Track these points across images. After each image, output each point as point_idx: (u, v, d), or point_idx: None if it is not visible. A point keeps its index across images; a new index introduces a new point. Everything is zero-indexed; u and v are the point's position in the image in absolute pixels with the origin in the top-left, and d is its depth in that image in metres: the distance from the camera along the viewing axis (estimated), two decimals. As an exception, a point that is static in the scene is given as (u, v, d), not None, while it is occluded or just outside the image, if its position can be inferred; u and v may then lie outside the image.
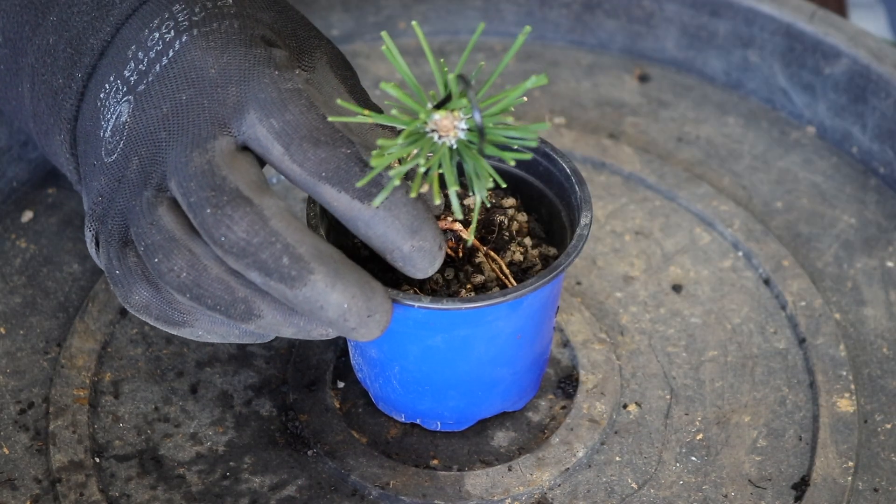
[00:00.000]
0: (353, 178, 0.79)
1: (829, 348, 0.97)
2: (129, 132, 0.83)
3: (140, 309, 0.83)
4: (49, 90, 0.88)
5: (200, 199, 0.78)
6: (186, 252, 0.79)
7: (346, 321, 0.79)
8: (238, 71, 0.82)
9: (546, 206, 0.92)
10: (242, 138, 0.81)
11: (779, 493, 0.90)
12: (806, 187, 1.08)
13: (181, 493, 0.90)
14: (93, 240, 0.85)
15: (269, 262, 0.78)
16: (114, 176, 0.83)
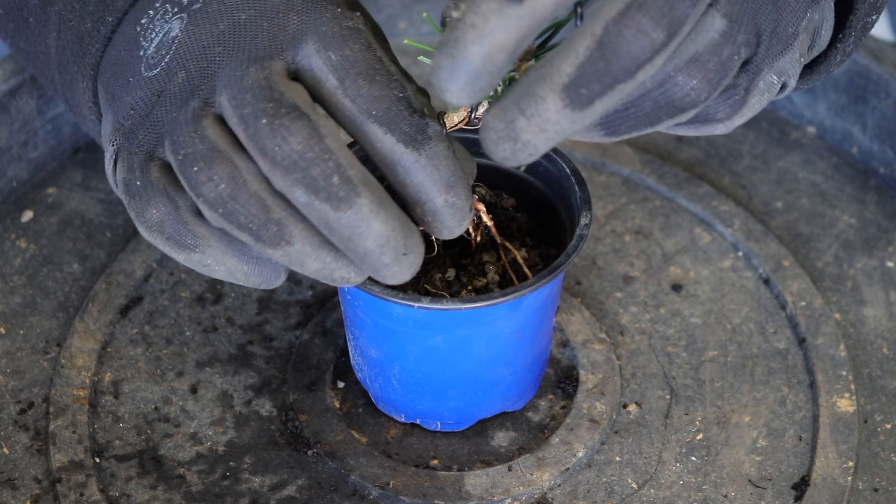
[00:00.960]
0: (401, 122, 0.78)
1: (829, 348, 0.97)
2: (178, 46, 0.81)
3: (153, 226, 0.80)
4: (75, 36, 0.86)
5: (256, 111, 0.76)
6: (228, 164, 0.77)
7: (382, 255, 0.76)
8: (301, 1, 0.81)
9: (546, 206, 0.92)
10: (295, 67, 0.79)
11: (779, 493, 0.90)
12: (806, 187, 1.08)
13: (181, 493, 0.90)
14: (112, 155, 0.83)
15: (319, 179, 0.75)
16: (153, 90, 0.81)
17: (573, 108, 0.70)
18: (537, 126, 0.71)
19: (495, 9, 0.68)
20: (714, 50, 0.74)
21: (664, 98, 0.74)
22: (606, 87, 0.70)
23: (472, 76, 0.69)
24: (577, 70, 0.70)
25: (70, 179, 1.09)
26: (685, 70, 0.74)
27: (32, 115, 1.07)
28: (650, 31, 0.70)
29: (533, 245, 0.91)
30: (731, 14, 0.74)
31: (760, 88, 0.78)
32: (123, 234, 1.05)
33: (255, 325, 0.99)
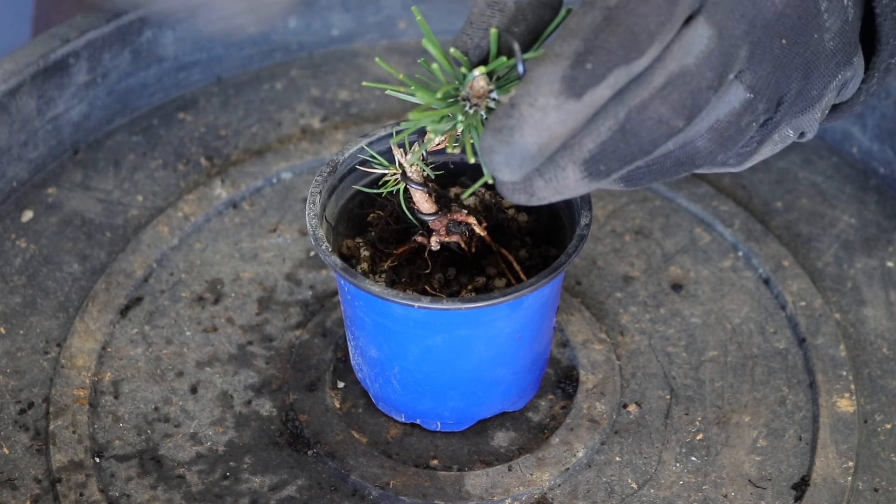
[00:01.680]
0: None
1: (829, 348, 0.97)
2: None
3: None
4: None
5: None
6: None
7: None
8: None
9: (546, 207, 0.92)
10: None
11: (779, 493, 0.90)
12: (806, 187, 1.08)
13: (181, 493, 0.90)
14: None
15: None
16: None
17: (591, 179, 0.74)
18: (554, 189, 0.74)
19: (554, 105, 0.70)
20: (734, 119, 0.75)
21: (683, 157, 0.76)
22: (624, 164, 0.74)
23: (527, 161, 0.72)
24: (599, 148, 0.73)
25: (70, 179, 1.09)
26: (705, 135, 0.75)
27: (32, 115, 1.07)
28: (670, 121, 0.73)
29: (533, 245, 0.91)
30: (755, 86, 0.75)
31: (774, 140, 0.79)
32: (123, 234, 1.05)
33: (255, 325, 0.99)
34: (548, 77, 0.70)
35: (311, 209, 0.87)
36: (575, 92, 0.70)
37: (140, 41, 1.12)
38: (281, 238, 1.04)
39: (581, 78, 0.70)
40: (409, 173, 0.85)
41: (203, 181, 1.08)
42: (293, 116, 1.14)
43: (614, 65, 0.70)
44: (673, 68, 0.72)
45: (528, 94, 0.70)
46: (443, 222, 0.87)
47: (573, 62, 0.70)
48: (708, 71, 0.73)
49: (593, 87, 0.71)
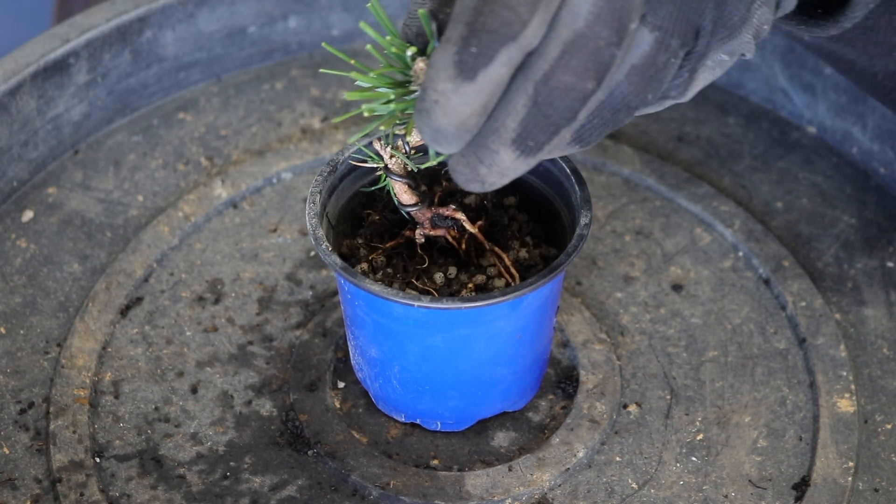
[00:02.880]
0: None
1: (829, 348, 0.97)
2: None
3: None
4: None
5: None
6: None
7: None
8: None
9: (546, 206, 0.92)
10: None
11: (779, 494, 0.90)
12: (806, 187, 1.08)
13: (181, 493, 0.90)
14: None
15: None
16: None
17: (526, 155, 0.75)
18: (498, 172, 0.75)
19: (452, 89, 0.72)
20: (650, 60, 0.76)
21: (616, 103, 0.76)
22: (551, 134, 0.74)
23: (451, 139, 0.74)
24: (521, 125, 0.74)
25: (70, 179, 1.09)
26: (625, 81, 0.76)
27: (32, 115, 1.07)
28: (578, 85, 0.73)
29: (533, 245, 0.91)
30: (661, 26, 0.75)
31: (708, 66, 0.79)
32: (123, 234, 1.05)
33: (255, 325, 0.99)
34: (442, 62, 0.72)
35: (311, 209, 0.87)
36: (467, 75, 0.72)
37: (140, 41, 1.12)
38: (281, 238, 1.04)
39: (469, 61, 0.71)
40: (390, 165, 0.85)
41: (203, 181, 1.08)
42: (293, 116, 1.14)
43: (500, 43, 0.71)
44: (566, 35, 0.73)
45: (430, 79, 0.72)
46: (426, 215, 0.87)
47: (459, 46, 0.71)
48: (602, 29, 0.73)
49: (484, 68, 0.71)
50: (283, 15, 1.17)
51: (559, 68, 0.73)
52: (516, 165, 0.75)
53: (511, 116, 0.74)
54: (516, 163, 0.75)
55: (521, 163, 0.75)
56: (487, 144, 0.74)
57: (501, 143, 0.74)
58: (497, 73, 0.72)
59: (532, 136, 0.74)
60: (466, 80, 0.71)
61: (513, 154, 0.74)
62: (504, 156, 0.75)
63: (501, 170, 0.75)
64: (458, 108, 0.72)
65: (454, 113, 0.72)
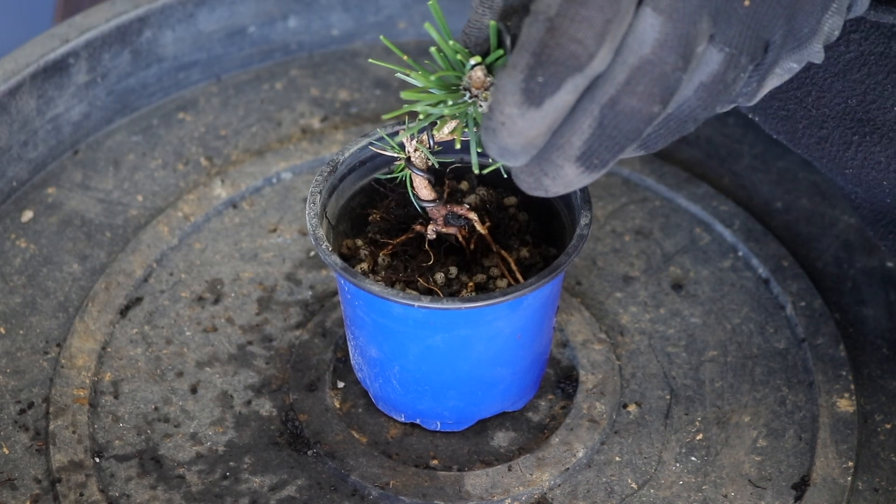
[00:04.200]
0: None
1: (829, 348, 0.97)
2: None
3: None
4: None
5: None
6: None
7: None
8: None
9: (546, 206, 0.92)
10: None
11: (779, 493, 0.90)
12: (806, 187, 1.08)
13: (181, 493, 0.90)
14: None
15: None
16: None
17: (590, 171, 0.76)
18: (562, 184, 0.77)
19: (518, 114, 0.73)
20: (718, 78, 0.76)
21: (683, 116, 0.77)
22: (616, 153, 0.75)
23: (518, 155, 0.75)
24: (586, 144, 0.75)
25: (70, 179, 1.09)
26: (693, 97, 0.76)
27: (32, 115, 1.07)
28: (644, 109, 0.74)
29: (533, 245, 0.91)
30: (730, 44, 0.76)
31: (777, 74, 0.80)
32: (123, 234, 1.05)
33: (255, 325, 0.99)
34: (508, 88, 0.73)
35: (311, 209, 0.87)
36: (534, 102, 0.73)
37: (140, 41, 1.12)
38: (281, 238, 1.04)
39: (536, 89, 0.72)
40: (413, 159, 0.86)
41: (203, 181, 1.08)
42: (293, 116, 1.14)
43: (566, 74, 0.72)
44: (632, 61, 0.73)
45: (497, 102, 0.73)
46: (441, 212, 0.87)
47: (526, 76, 0.73)
48: (668, 55, 0.74)
49: (550, 97, 0.73)
50: (283, 15, 1.17)
51: (625, 93, 0.74)
52: (580, 179, 0.76)
53: (577, 135, 0.75)
54: (580, 177, 0.76)
55: (585, 177, 0.76)
56: (553, 159, 0.76)
57: (566, 160, 0.75)
58: (563, 100, 0.73)
59: (597, 155, 0.75)
60: (533, 106, 0.73)
61: (577, 170, 0.76)
62: (568, 171, 0.76)
63: (565, 182, 0.77)
64: (524, 130, 0.73)
65: (520, 135, 0.74)
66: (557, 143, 0.75)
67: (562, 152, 0.75)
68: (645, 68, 0.73)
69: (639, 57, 0.73)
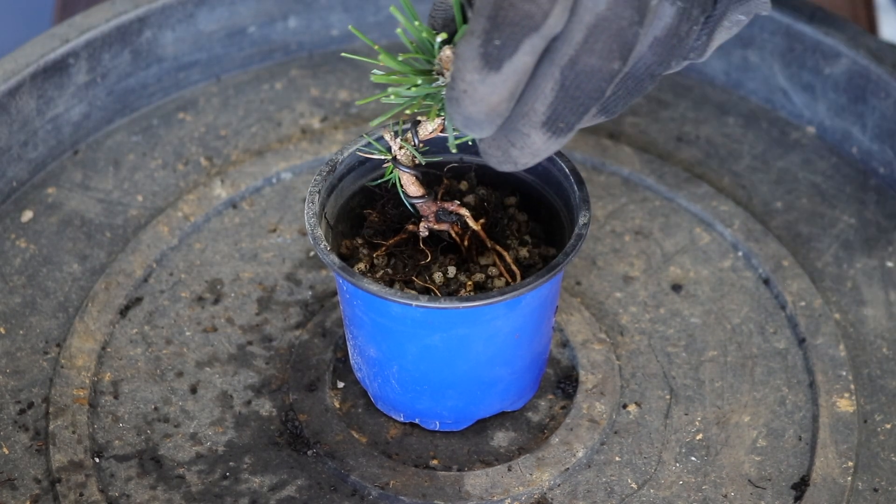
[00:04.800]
0: None
1: (829, 348, 0.97)
2: None
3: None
4: None
5: None
6: None
7: None
8: None
9: (545, 206, 0.92)
10: None
11: (779, 493, 0.90)
12: (806, 187, 1.08)
13: (181, 493, 0.90)
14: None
15: None
16: None
17: (556, 136, 0.76)
18: (530, 153, 0.77)
19: (478, 79, 0.73)
20: (672, 31, 0.77)
21: (639, 74, 0.78)
22: (581, 114, 0.76)
23: (483, 125, 0.75)
24: (550, 108, 0.75)
25: (70, 179, 1.09)
26: (648, 52, 0.77)
27: (32, 115, 1.07)
28: (605, 66, 0.74)
29: (533, 245, 0.91)
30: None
31: (724, 27, 0.80)
32: (123, 234, 1.05)
33: (255, 325, 0.99)
34: (467, 54, 0.73)
35: (310, 208, 0.87)
36: (493, 66, 0.73)
37: (140, 41, 1.12)
38: (281, 238, 1.05)
39: (494, 53, 0.73)
40: (399, 157, 0.86)
41: (203, 181, 1.08)
42: (293, 116, 1.14)
43: (523, 35, 0.72)
44: (588, 19, 0.73)
45: (458, 69, 0.73)
46: (431, 208, 0.87)
47: (483, 40, 0.73)
48: (624, 10, 0.74)
49: (509, 59, 0.73)
50: (283, 15, 1.17)
51: (584, 52, 0.74)
52: (548, 146, 0.77)
53: (540, 100, 0.75)
54: (547, 144, 0.76)
55: (553, 143, 0.76)
56: (518, 128, 0.76)
57: (532, 127, 0.76)
58: (522, 62, 0.73)
59: (562, 118, 0.75)
60: (492, 70, 0.73)
61: (544, 136, 0.76)
62: (535, 138, 0.76)
63: (533, 151, 0.77)
64: (486, 96, 0.73)
65: (482, 101, 0.74)
66: (522, 111, 0.75)
67: (527, 119, 0.76)
68: (602, 25, 0.73)
69: (595, 14, 0.73)
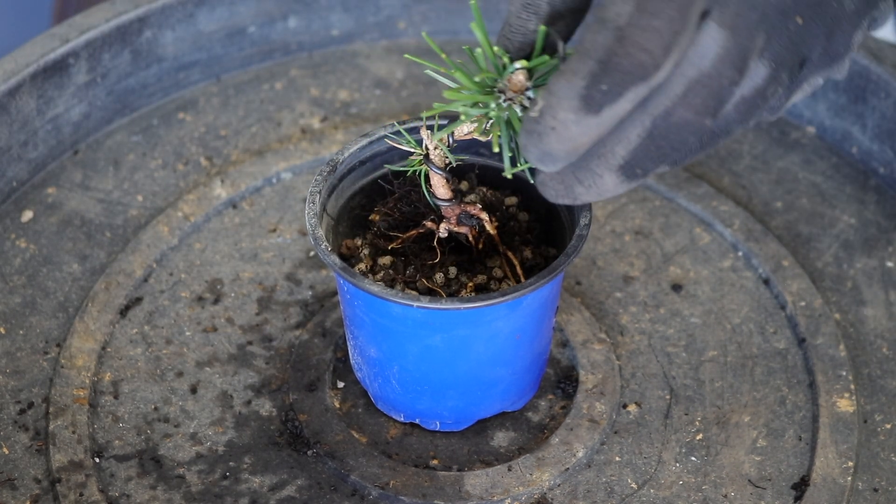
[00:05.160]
0: None
1: (829, 348, 0.97)
2: None
3: None
4: None
5: None
6: None
7: None
8: None
9: (546, 206, 0.92)
10: None
11: (779, 493, 0.90)
12: (806, 187, 1.08)
13: (181, 493, 0.90)
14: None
15: None
16: None
17: (629, 180, 0.76)
18: (596, 193, 0.77)
19: (573, 120, 0.73)
20: (759, 92, 0.77)
21: (720, 129, 0.77)
22: (659, 163, 0.76)
23: (559, 161, 0.75)
24: (631, 154, 0.75)
25: (70, 179, 1.09)
26: (734, 109, 0.77)
27: (32, 115, 1.07)
28: (697, 121, 0.75)
29: (534, 245, 0.91)
30: (775, 60, 0.76)
31: (804, 90, 0.80)
32: (123, 234, 1.05)
33: (255, 325, 0.99)
34: (566, 93, 0.72)
35: (310, 208, 0.87)
36: (593, 109, 0.72)
37: (140, 41, 1.12)
38: (281, 238, 1.04)
39: (597, 97, 0.72)
40: (432, 156, 0.86)
41: (203, 181, 1.08)
42: (293, 116, 1.14)
43: (630, 83, 0.72)
44: (691, 74, 0.73)
45: (551, 106, 0.73)
46: (455, 211, 0.87)
47: (588, 83, 0.72)
48: (726, 70, 0.74)
49: (611, 105, 0.72)
50: (283, 15, 1.17)
51: (681, 106, 0.74)
52: (617, 189, 0.77)
53: (622, 145, 0.75)
54: (618, 187, 0.77)
55: (623, 187, 0.77)
56: (592, 168, 0.76)
57: (607, 169, 0.76)
58: (622, 109, 0.73)
59: (640, 165, 0.76)
60: (590, 114, 0.72)
61: (617, 179, 0.76)
62: (608, 180, 0.76)
63: (600, 191, 0.77)
64: (576, 137, 0.73)
65: (570, 141, 0.73)
66: (599, 153, 0.75)
67: (603, 161, 0.75)
68: (704, 81, 0.73)
69: (698, 70, 0.73)
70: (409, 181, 0.90)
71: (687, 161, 0.78)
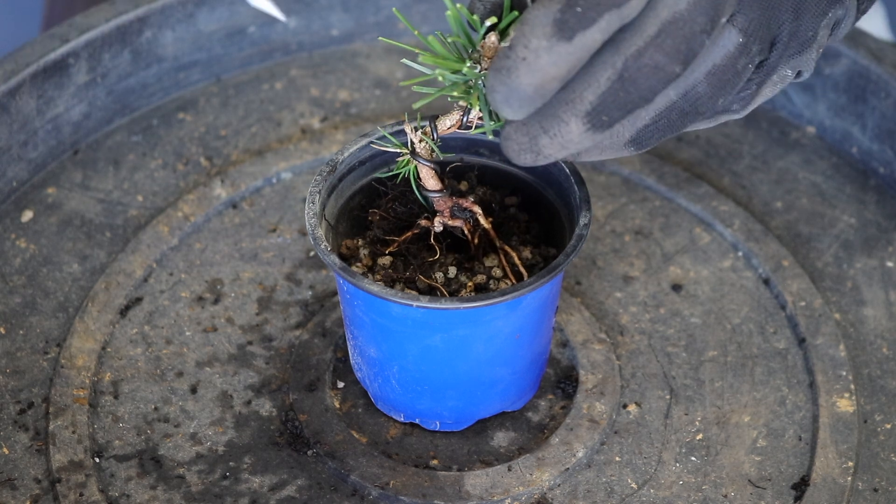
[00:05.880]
0: None
1: (829, 348, 0.97)
2: None
3: None
4: None
5: None
6: None
7: None
8: None
9: (545, 206, 0.92)
10: None
11: (779, 493, 0.90)
12: (806, 187, 1.08)
13: (181, 493, 0.90)
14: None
15: None
16: None
17: (595, 130, 0.75)
18: (559, 144, 0.76)
19: (545, 46, 0.72)
20: (730, 63, 0.77)
21: (686, 106, 0.77)
22: (626, 112, 0.75)
23: (525, 102, 0.74)
24: (599, 98, 0.75)
25: (70, 179, 1.09)
26: (704, 81, 0.77)
27: (32, 115, 1.07)
28: (667, 66, 0.74)
29: (533, 244, 0.91)
30: (747, 28, 0.77)
31: (773, 81, 0.81)
32: (123, 234, 1.05)
33: (255, 325, 0.99)
34: (540, 20, 0.72)
35: (310, 208, 0.87)
36: (566, 34, 0.72)
37: (140, 41, 1.12)
38: (281, 238, 1.05)
39: (571, 21, 0.72)
40: (418, 149, 0.86)
41: (203, 181, 1.08)
42: (293, 116, 1.14)
43: (605, 9, 0.72)
44: (665, 15, 0.74)
45: (523, 35, 0.73)
46: (447, 203, 0.88)
47: (564, 6, 0.72)
48: (699, 15, 0.74)
49: (584, 30, 0.72)
50: (283, 15, 1.17)
51: (653, 46, 0.74)
52: (581, 139, 0.76)
53: (591, 89, 0.74)
54: (582, 136, 0.76)
55: (587, 137, 0.76)
56: (558, 114, 0.75)
57: (574, 114, 0.75)
58: (593, 38, 0.73)
59: (607, 112, 0.75)
60: (563, 39, 0.72)
61: (582, 126, 0.75)
62: (573, 127, 0.75)
63: (564, 142, 0.76)
64: (546, 67, 0.73)
65: (539, 72, 0.73)
66: (566, 98, 0.75)
67: (570, 106, 0.75)
68: (677, 24, 0.74)
69: (672, 11, 0.74)
70: (403, 181, 0.90)
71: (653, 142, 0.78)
